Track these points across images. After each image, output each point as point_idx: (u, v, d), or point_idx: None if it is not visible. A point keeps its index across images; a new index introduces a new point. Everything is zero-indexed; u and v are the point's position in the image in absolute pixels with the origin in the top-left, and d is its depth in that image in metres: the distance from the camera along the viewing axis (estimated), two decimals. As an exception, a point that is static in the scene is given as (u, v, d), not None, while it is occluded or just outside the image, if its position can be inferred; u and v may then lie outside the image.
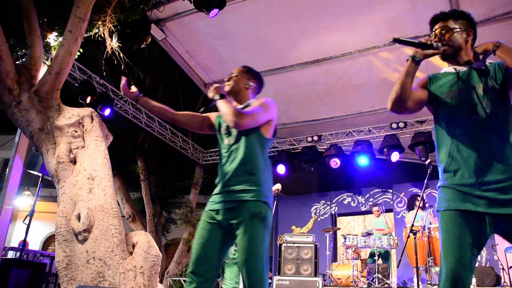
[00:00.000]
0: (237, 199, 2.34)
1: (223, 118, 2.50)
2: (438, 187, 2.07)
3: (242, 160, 2.42)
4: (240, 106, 2.65)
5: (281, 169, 9.56)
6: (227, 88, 2.75)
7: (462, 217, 1.91)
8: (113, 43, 5.89)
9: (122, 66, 6.18)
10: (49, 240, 17.09)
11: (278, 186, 4.66)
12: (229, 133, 2.56)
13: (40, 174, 5.99)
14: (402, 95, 2.07)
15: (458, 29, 2.16)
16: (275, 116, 2.62)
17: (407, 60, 2.11)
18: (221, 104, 2.47)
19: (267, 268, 2.28)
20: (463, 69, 2.15)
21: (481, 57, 2.13)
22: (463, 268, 1.86)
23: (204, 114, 2.81)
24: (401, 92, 2.06)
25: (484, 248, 8.95)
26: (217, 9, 5.84)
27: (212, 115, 2.80)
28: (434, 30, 2.21)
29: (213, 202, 2.44)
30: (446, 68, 2.24)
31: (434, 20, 2.25)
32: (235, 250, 4.06)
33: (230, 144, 2.52)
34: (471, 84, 2.08)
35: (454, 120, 2.06)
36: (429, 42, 2.07)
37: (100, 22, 5.47)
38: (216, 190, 2.47)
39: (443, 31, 2.17)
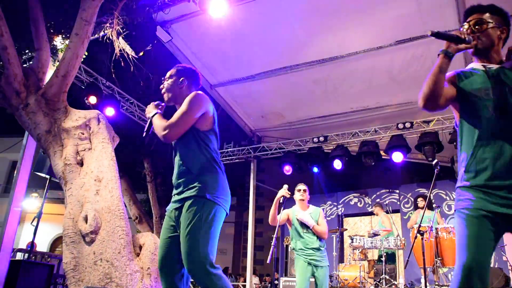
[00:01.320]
0: (180, 197, 2.44)
1: None
2: (458, 186, 2.02)
3: (179, 161, 2.53)
4: None
5: (287, 169, 9.57)
6: (165, 97, 2.76)
7: (484, 217, 1.87)
8: (122, 45, 5.92)
9: (124, 66, 6.20)
10: (57, 242, 17.20)
11: (285, 187, 4.66)
12: None
13: (47, 176, 6.02)
14: (436, 92, 1.99)
15: (493, 25, 2.09)
16: (207, 107, 2.56)
17: (439, 54, 2.04)
18: (154, 122, 2.58)
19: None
20: (493, 66, 2.08)
21: None
22: (483, 268, 1.83)
23: None
24: (434, 88, 1.99)
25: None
26: (223, 11, 5.84)
27: None
28: (468, 20, 2.14)
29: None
30: (474, 64, 2.17)
31: (469, 11, 2.16)
32: None
33: (173, 147, 2.63)
34: (503, 82, 2.01)
35: (482, 118, 1.99)
36: (462, 36, 2.02)
37: (108, 24, 5.50)
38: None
39: (477, 24, 2.10)
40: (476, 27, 2.10)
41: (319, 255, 4.76)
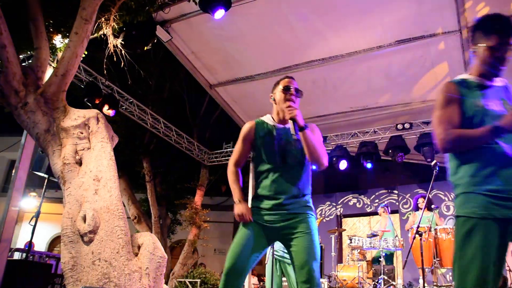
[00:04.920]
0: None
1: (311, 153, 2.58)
2: (463, 192, 2.01)
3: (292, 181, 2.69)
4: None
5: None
6: (295, 108, 2.71)
7: (492, 223, 1.88)
8: (115, 42, 5.90)
9: (125, 66, 6.19)
10: (55, 242, 17.19)
11: None
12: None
13: (46, 176, 6.01)
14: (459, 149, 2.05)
15: None
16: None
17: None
18: (309, 138, 2.58)
19: None
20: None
21: None
22: (491, 272, 1.86)
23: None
24: (459, 148, 2.04)
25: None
26: (223, 10, 5.84)
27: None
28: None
29: None
30: (473, 78, 2.17)
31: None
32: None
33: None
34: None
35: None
36: None
37: (103, 19, 5.47)
38: None
39: None
40: None
41: None
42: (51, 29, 5.72)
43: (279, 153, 2.61)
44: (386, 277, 6.97)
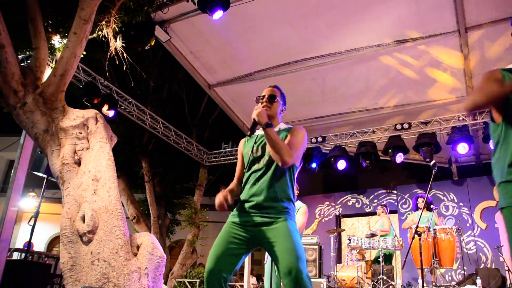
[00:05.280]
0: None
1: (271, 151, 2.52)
2: (502, 182, 2.01)
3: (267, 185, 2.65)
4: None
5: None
6: (267, 112, 2.70)
7: None
8: (117, 44, 5.90)
9: (124, 67, 6.19)
10: (54, 242, 17.17)
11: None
12: None
13: (45, 176, 6.00)
14: (485, 107, 2.07)
15: None
16: None
17: None
18: (271, 136, 2.49)
19: None
20: None
21: None
22: None
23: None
24: (484, 105, 2.05)
25: (489, 249, 8.89)
26: (222, 11, 5.85)
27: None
28: None
29: None
30: None
31: None
32: None
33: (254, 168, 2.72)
34: None
35: None
36: None
37: (104, 22, 5.48)
38: None
39: None
40: None
41: None
42: (50, 29, 5.71)
43: (252, 157, 2.65)
44: (385, 277, 6.97)
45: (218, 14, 5.88)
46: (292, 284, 2.22)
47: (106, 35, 5.70)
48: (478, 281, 6.41)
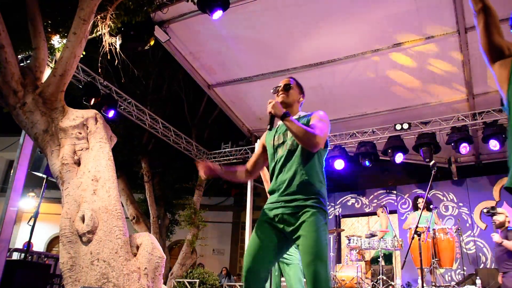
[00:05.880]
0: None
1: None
2: None
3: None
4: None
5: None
6: (280, 101, 2.69)
7: None
8: (111, 40, 5.89)
9: (121, 66, 6.18)
10: (54, 242, 17.17)
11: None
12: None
13: (44, 176, 6.00)
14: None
15: None
16: None
17: None
18: (293, 124, 2.44)
19: None
20: None
21: None
22: None
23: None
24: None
25: (489, 249, 8.88)
26: (221, 11, 5.85)
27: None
28: None
29: None
30: None
31: None
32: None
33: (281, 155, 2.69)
34: None
35: None
36: None
37: (99, 18, 5.46)
38: None
39: None
40: None
41: None
42: (50, 29, 5.71)
43: (275, 147, 2.65)
44: (384, 277, 6.97)
45: (218, 14, 5.88)
46: (309, 285, 2.23)
47: (100, 30, 5.66)
48: (478, 281, 6.42)
